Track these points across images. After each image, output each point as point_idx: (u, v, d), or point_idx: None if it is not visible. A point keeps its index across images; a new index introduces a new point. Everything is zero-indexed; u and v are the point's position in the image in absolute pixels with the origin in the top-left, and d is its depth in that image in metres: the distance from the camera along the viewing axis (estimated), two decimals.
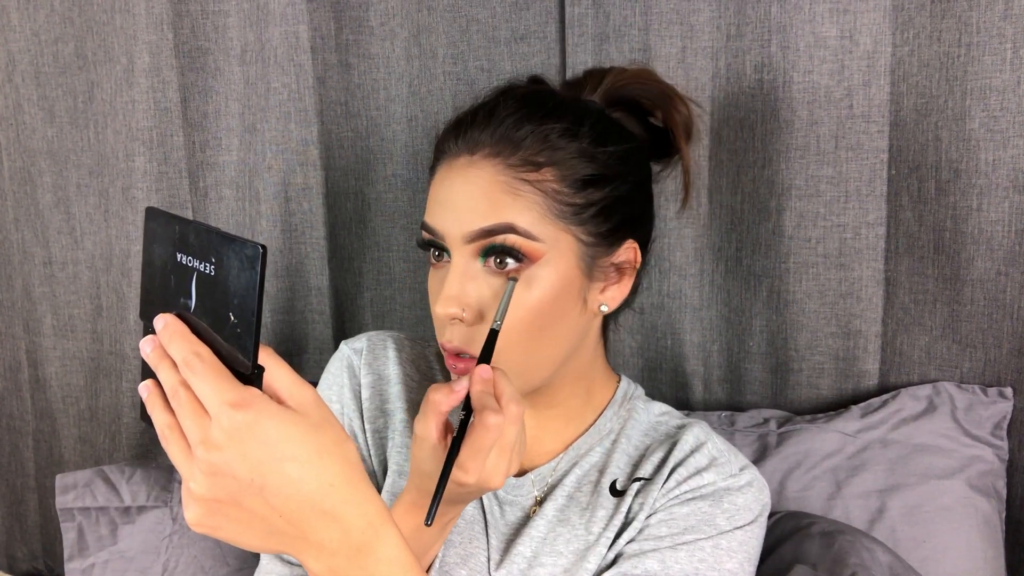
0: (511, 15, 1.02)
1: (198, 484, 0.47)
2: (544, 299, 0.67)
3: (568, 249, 0.68)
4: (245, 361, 0.47)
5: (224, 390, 0.47)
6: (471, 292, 0.67)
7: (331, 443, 0.49)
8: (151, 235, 0.50)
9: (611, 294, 0.72)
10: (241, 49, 1.09)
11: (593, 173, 0.69)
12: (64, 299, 1.21)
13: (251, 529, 0.48)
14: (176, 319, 0.49)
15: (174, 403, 0.48)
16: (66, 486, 0.97)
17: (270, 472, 0.47)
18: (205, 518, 0.48)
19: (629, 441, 0.77)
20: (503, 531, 0.74)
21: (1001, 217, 0.91)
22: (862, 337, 0.98)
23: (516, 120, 0.69)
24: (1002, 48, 0.89)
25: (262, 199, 1.11)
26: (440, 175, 0.71)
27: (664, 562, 0.67)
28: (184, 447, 0.48)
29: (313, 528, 0.48)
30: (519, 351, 0.67)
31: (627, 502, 0.72)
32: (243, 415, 0.46)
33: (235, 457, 0.46)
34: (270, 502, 0.47)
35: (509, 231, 0.66)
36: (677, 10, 0.97)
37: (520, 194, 0.67)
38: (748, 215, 1.00)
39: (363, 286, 1.15)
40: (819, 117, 0.95)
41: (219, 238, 0.47)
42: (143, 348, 0.50)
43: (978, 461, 0.91)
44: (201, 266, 0.48)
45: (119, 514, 0.96)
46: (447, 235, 0.68)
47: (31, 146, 1.19)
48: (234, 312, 0.47)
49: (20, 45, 1.16)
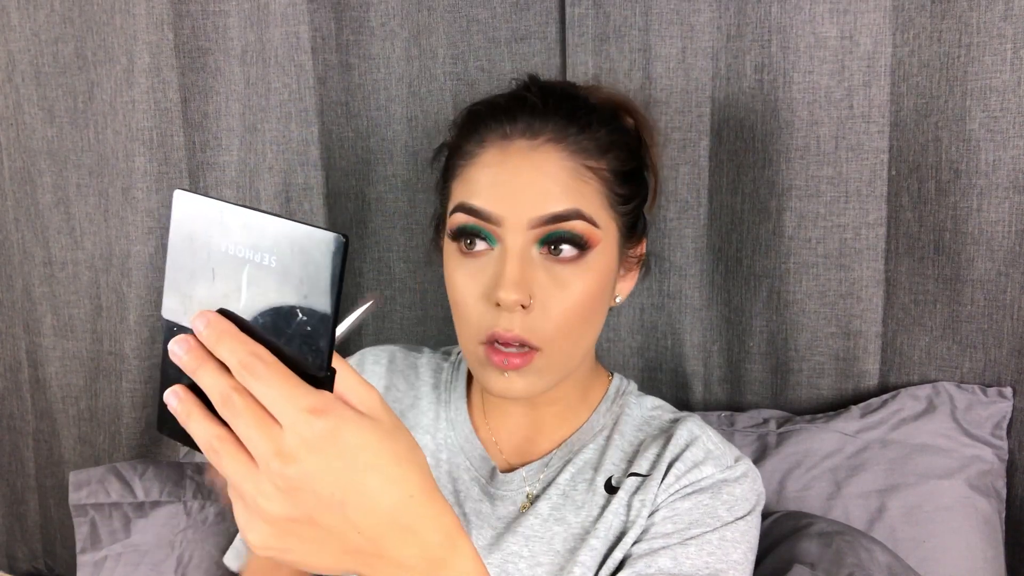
0: (511, 15, 1.02)
1: (271, 502, 0.41)
2: (597, 284, 0.69)
3: (613, 237, 0.71)
4: (317, 362, 0.42)
5: (298, 395, 0.41)
6: (532, 279, 0.67)
7: (406, 450, 0.44)
8: (183, 222, 0.44)
9: (623, 286, 0.76)
10: (241, 49, 1.09)
11: (635, 167, 0.73)
12: (64, 299, 1.21)
13: (325, 549, 0.43)
14: (220, 316, 0.43)
15: (227, 411, 0.41)
16: (79, 482, 0.97)
17: (351, 485, 0.42)
18: (275, 540, 0.43)
19: (623, 437, 0.77)
20: (494, 525, 0.74)
21: (1001, 217, 0.91)
22: (862, 337, 0.98)
23: (570, 110, 0.70)
24: (1002, 48, 0.89)
25: (262, 199, 1.11)
26: (491, 158, 0.69)
27: (676, 559, 0.67)
28: (246, 460, 0.41)
29: (391, 544, 0.43)
30: (572, 338, 0.69)
31: (623, 499, 0.72)
32: (323, 422, 0.41)
33: (316, 470, 0.41)
34: (350, 518, 0.42)
35: (577, 217, 0.67)
36: (677, 10, 0.97)
37: (586, 181, 0.68)
38: (748, 215, 1.00)
39: (364, 286, 1.15)
40: (819, 117, 0.95)
41: (285, 227, 0.41)
42: (173, 349, 0.43)
43: (978, 461, 0.91)
44: (257, 257, 0.42)
45: (132, 509, 0.96)
46: (505, 219, 0.67)
47: (31, 146, 1.18)
48: (302, 309, 0.41)
49: (20, 45, 1.16)
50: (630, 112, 0.80)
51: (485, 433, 0.79)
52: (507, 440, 0.78)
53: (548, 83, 0.75)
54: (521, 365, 0.66)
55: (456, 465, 0.77)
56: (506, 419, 0.78)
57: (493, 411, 0.79)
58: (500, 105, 0.72)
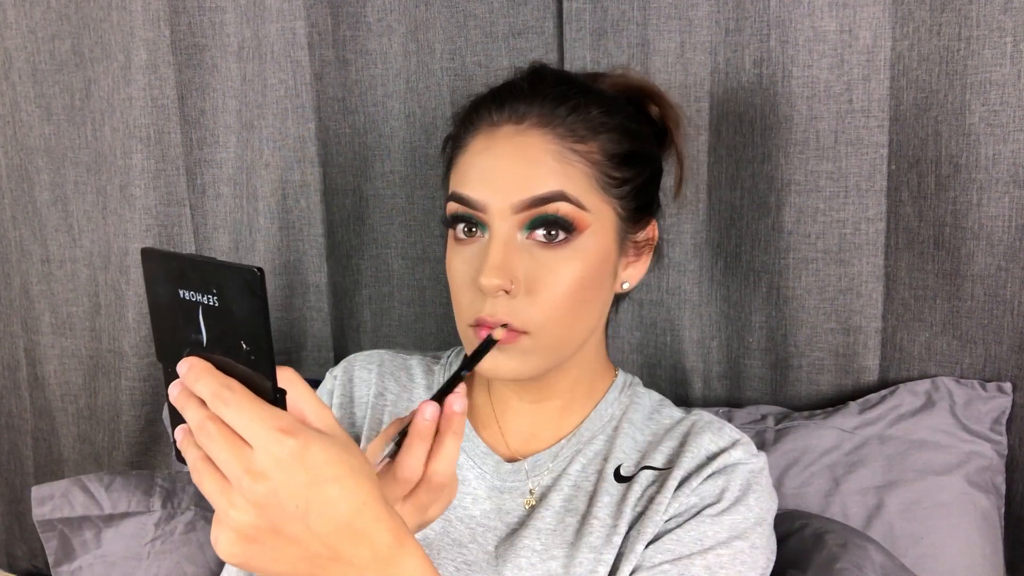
0: (509, 10, 1.01)
1: (242, 514, 0.46)
2: (589, 269, 0.68)
3: (608, 221, 0.70)
4: (266, 385, 0.47)
5: (267, 418, 0.46)
6: (516, 264, 0.67)
7: (359, 463, 0.49)
8: (152, 276, 0.50)
9: (632, 272, 0.75)
10: (238, 45, 1.08)
11: (631, 150, 0.72)
12: (62, 297, 1.21)
13: (285, 555, 0.48)
14: (199, 359, 0.48)
15: (202, 438, 0.46)
16: (42, 498, 0.95)
17: (314, 496, 0.46)
18: (241, 548, 0.47)
19: (632, 425, 0.77)
20: (504, 519, 0.74)
21: (1001, 212, 0.91)
22: (862, 333, 0.98)
23: (560, 93, 0.70)
24: (1002, 42, 0.88)
25: (260, 196, 1.11)
26: (479, 145, 0.70)
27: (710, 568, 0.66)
28: (219, 479, 0.47)
29: (346, 548, 0.48)
30: (564, 323, 0.68)
31: (637, 491, 0.71)
32: (293, 441, 0.45)
33: (283, 485, 0.45)
34: (311, 526, 0.47)
35: (561, 199, 0.67)
36: (675, 5, 0.96)
37: (571, 163, 0.68)
38: (747, 211, 1.00)
39: (361, 283, 1.14)
40: (818, 112, 0.94)
41: (215, 268, 0.46)
42: (171, 393, 0.49)
43: (977, 457, 0.91)
44: (204, 299, 0.47)
45: (101, 520, 0.95)
46: (489, 206, 0.67)
47: (28, 144, 1.18)
48: (245, 339, 0.46)
49: (16, 42, 1.15)
50: (652, 97, 0.80)
51: (488, 429, 0.79)
52: (513, 433, 0.78)
53: (542, 69, 0.75)
54: (505, 341, 0.67)
55: (459, 465, 0.77)
56: (511, 413, 0.78)
57: (498, 405, 0.79)
58: (491, 93, 0.73)
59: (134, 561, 0.94)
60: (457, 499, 0.75)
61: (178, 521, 0.96)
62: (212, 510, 0.95)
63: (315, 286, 1.12)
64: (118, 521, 0.95)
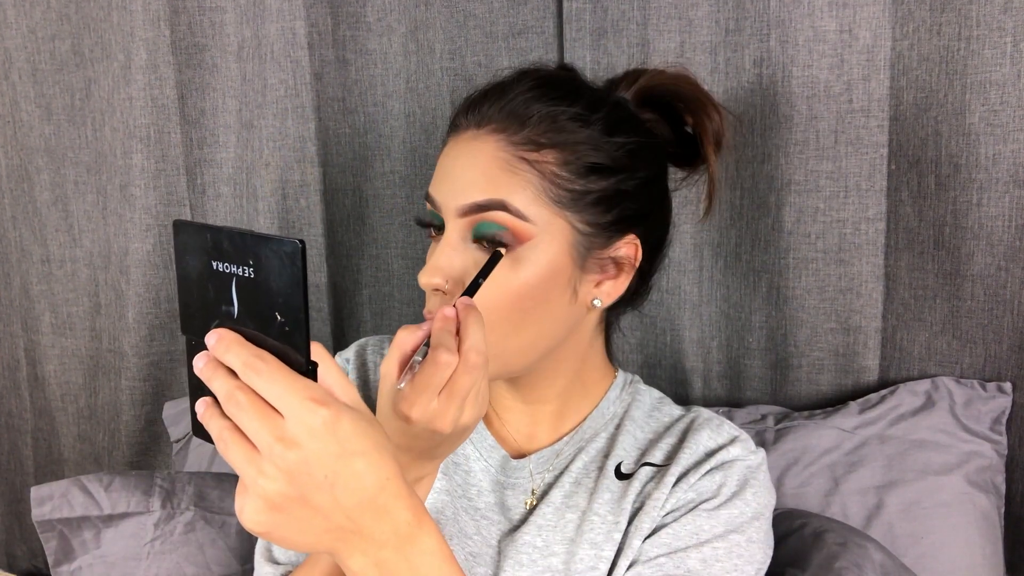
0: (509, 10, 1.01)
1: (271, 482, 0.46)
2: (529, 282, 0.67)
3: (561, 235, 0.67)
4: (299, 358, 0.47)
5: (299, 388, 0.46)
6: (457, 264, 0.67)
7: (383, 438, 0.49)
8: (183, 248, 0.50)
9: (606, 289, 0.71)
10: (238, 45, 1.08)
11: (598, 162, 0.68)
12: (62, 297, 1.21)
13: (310, 526, 0.48)
14: (227, 330, 0.48)
15: (231, 407, 0.46)
16: (41, 498, 0.95)
17: (343, 468, 0.46)
18: (267, 516, 0.47)
19: (634, 423, 0.77)
20: (507, 515, 0.74)
21: (1001, 212, 0.91)
22: (862, 333, 0.98)
23: (527, 99, 0.69)
24: (1002, 42, 0.88)
25: (259, 196, 1.11)
26: (447, 147, 0.71)
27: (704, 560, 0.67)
28: (247, 448, 0.46)
29: (369, 522, 0.49)
30: (499, 333, 0.67)
31: (636, 487, 0.72)
32: (326, 411, 0.46)
33: (314, 454, 0.45)
34: (338, 498, 0.47)
35: (500, 208, 0.66)
36: (675, 4, 0.96)
37: (517, 172, 0.66)
38: (747, 210, 1.00)
39: (361, 283, 1.15)
40: (818, 112, 0.94)
41: (254, 239, 0.46)
42: (196, 364, 0.48)
43: (976, 456, 0.91)
44: (240, 270, 0.47)
45: (101, 520, 0.95)
46: (443, 206, 0.68)
47: (28, 144, 1.18)
48: (280, 311, 0.46)
49: (17, 42, 1.15)
50: (686, 103, 0.76)
51: (495, 423, 0.79)
52: (516, 429, 0.78)
53: (527, 72, 0.73)
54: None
55: (466, 456, 0.77)
56: (508, 411, 0.78)
57: (497, 402, 0.79)
58: (471, 94, 0.73)
59: (133, 561, 0.94)
60: (463, 490, 0.75)
61: (177, 521, 0.96)
62: (212, 511, 0.96)
63: (315, 286, 1.12)
64: (117, 521, 0.95)
